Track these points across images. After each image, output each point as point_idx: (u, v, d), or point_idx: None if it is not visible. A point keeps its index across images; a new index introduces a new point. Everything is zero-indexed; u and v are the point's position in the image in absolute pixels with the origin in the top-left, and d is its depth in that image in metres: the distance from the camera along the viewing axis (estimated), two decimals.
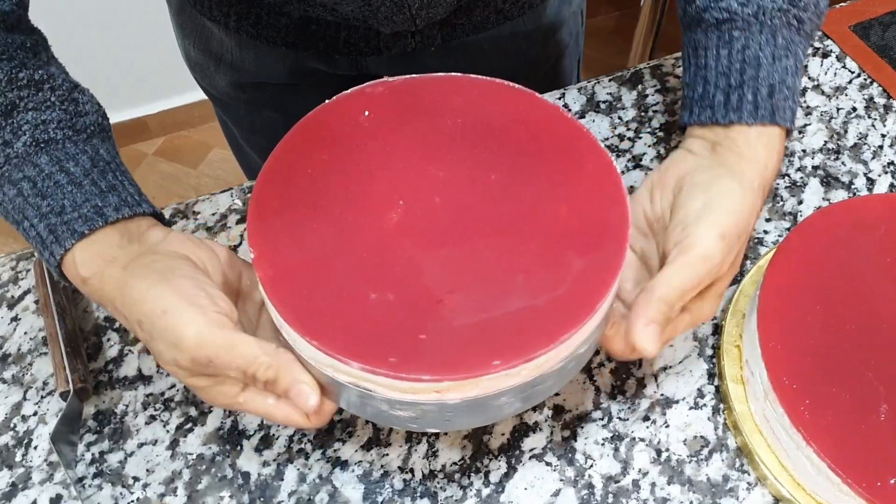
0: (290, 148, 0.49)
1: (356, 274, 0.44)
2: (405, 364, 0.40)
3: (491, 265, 0.44)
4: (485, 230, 0.45)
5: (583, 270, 0.43)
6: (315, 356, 0.42)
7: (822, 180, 0.66)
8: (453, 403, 0.41)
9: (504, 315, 0.41)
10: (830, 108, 0.71)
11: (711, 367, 0.57)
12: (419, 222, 0.46)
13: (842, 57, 0.75)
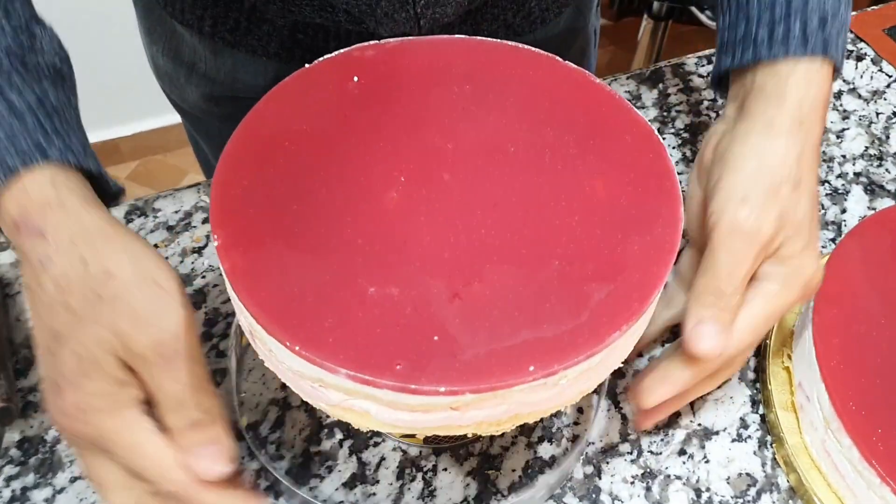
0: (262, 117, 0.40)
1: (349, 264, 0.34)
2: (414, 372, 0.30)
3: (517, 251, 0.35)
4: (505, 211, 0.36)
5: (630, 255, 0.35)
6: (296, 367, 0.32)
7: (866, 188, 0.59)
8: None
9: (537, 311, 0.32)
10: (869, 113, 0.64)
11: (755, 394, 0.49)
12: (425, 202, 0.37)
13: (877, 60, 0.69)
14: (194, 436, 0.34)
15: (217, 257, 0.35)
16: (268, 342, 0.33)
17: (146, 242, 0.36)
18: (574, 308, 0.33)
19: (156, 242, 0.55)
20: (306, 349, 0.31)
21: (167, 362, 0.33)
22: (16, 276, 0.53)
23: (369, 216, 0.36)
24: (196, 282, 0.53)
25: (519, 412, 0.33)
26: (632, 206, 0.37)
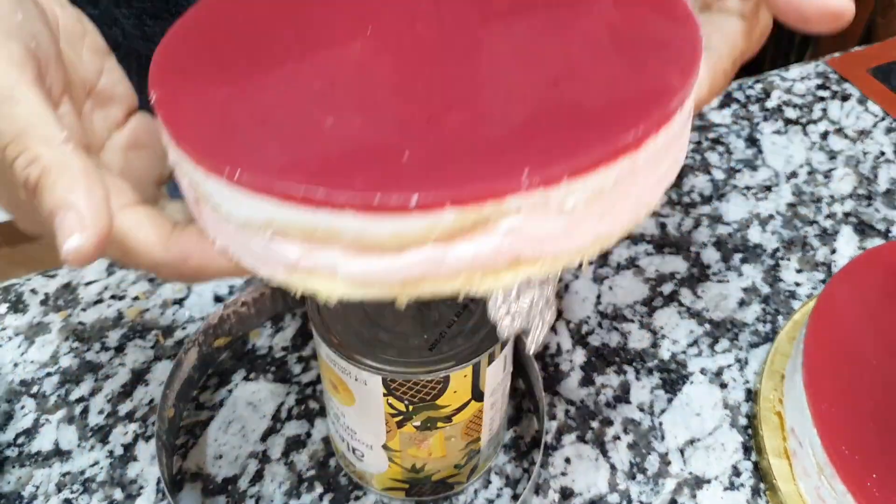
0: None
1: (303, 98, 0.28)
2: (381, 182, 0.24)
3: (505, 79, 0.29)
4: (491, 52, 0.30)
5: (643, 68, 0.28)
6: (243, 213, 0.26)
7: (856, 228, 0.59)
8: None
9: (534, 127, 0.26)
10: (857, 152, 0.64)
11: (747, 440, 0.47)
12: (395, 49, 0.31)
13: (863, 100, 0.69)
14: (38, 200, 0.25)
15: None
16: (211, 194, 0.27)
17: None
18: (578, 116, 0.26)
19: (136, 294, 0.54)
20: (250, 173, 0.25)
21: None
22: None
23: (331, 63, 0.31)
24: (177, 333, 0.52)
25: (520, 253, 0.26)
26: (644, 27, 0.31)
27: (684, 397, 0.49)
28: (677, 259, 0.57)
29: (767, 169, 0.63)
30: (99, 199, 0.25)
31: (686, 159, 0.61)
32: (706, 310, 0.54)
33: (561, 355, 0.51)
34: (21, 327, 0.53)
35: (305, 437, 0.48)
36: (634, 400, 0.49)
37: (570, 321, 0.53)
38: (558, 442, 0.47)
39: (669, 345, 0.52)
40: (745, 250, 0.57)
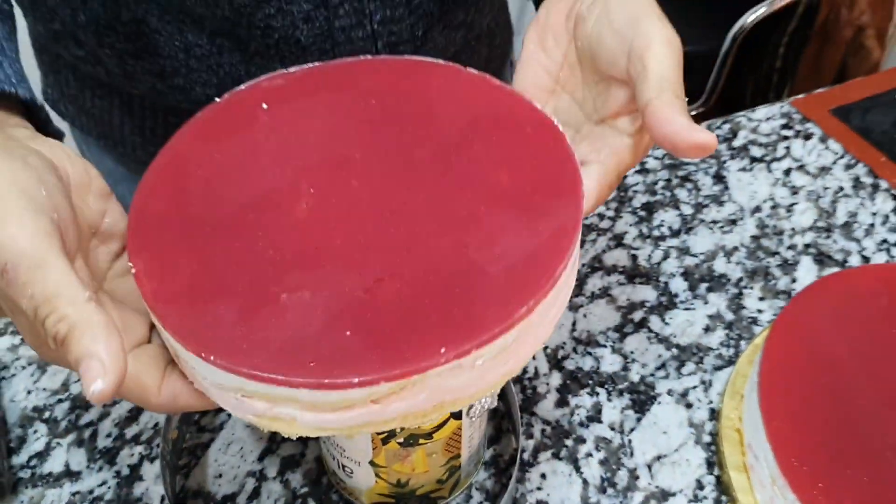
0: (175, 149, 0.41)
1: (262, 276, 0.35)
2: (328, 367, 0.31)
3: (427, 245, 0.36)
4: (414, 209, 0.37)
5: (535, 236, 0.36)
6: (218, 380, 0.32)
7: (815, 258, 0.63)
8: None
9: (447, 297, 0.33)
10: (817, 188, 0.69)
11: (710, 456, 0.51)
12: (334, 209, 0.38)
13: (824, 139, 0.73)
14: (65, 353, 0.30)
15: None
16: (189, 360, 0.33)
17: (14, 156, 0.33)
18: (483, 290, 0.33)
19: None
20: (222, 358, 0.32)
21: (7, 276, 0.30)
22: (12, 360, 0.56)
23: (280, 228, 0.37)
24: None
25: (442, 400, 0.33)
26: (535, 191, 0.38)
27: (652, 417, 0.53)
28: (647, 288, 0.61)
29: (733, 204, 0.67)
30: (116, 348, 0.29)
31: (657, 195, 0.66)
32: (674, 335, 0.58)
33: (538, 378, 0.55)
34: (34, 357, 0.57)
35: (300, 457, 0.51)
36: (606, 419, 0.53)
37: (548, 346, 0.57)
38: (535, 459, 0.51)
39: (639, 368, 0.56)
40: (710, 280, 0.61)
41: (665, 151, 0.71)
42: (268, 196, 0.39)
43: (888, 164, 0.70)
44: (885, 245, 0.64)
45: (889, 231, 0.65)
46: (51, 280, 0.30)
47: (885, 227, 0.65)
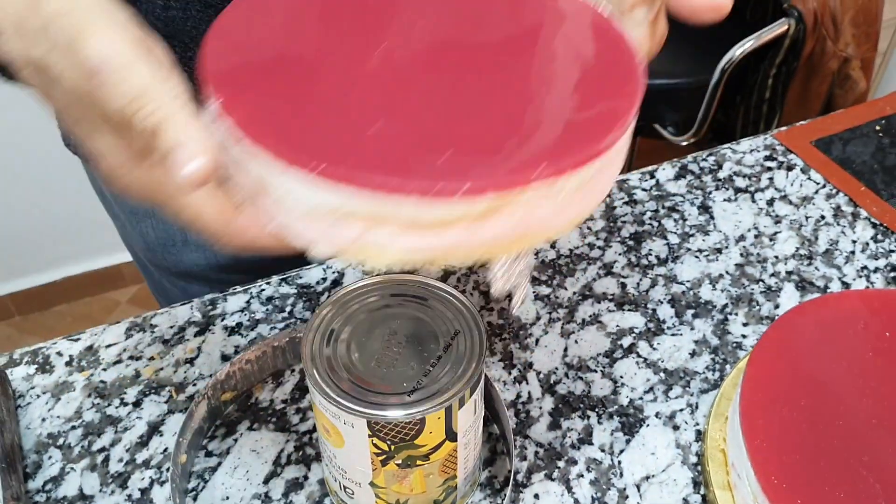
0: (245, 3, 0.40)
1: (352, 107, 0.35)
2: (438, 177, 0.30)
3: (512, 95, 0.37)
4: (493, 74, 0.38)
5: (606, 89, 0.38)
6: (315, 201, 0.32)
7: (797, 285, 0.65)
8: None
9: (538, 132, 0.35)
10: (799, 217, 0.71)
11: (697, 475, 0.53)
12: (414, 69, 0.38)
13: (806, 169, 0.76)
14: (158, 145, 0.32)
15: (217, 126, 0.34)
16: (281, 186, 0.33)
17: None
18: (570, 128, 0.35)
19: (152, 355, 0.61)
20: (331, 169, 0.31)
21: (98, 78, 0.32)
22: (27, 389, 0.59)
23: (362, 73, 0.37)
24: (188, 389, 0.58)
25: (527, 229, 0.34)
26: (599, 60, 0.40)
27: (641, 438, 0.55)
28: (636, 315, 0.63)
29: (718, 233, 0.70)
30: (205, 135, 0.31)
31: (645, 226, 0.68)
32: (661, 360, 0.60)
33: (531, 402, 0.57)
34: (48, 386, 0.59)
35: (303, 479, 0.54)
36: (596, 441, 0.55)
37: (540, 372, 0.59)
38: (528, 480, 0.53)
39: (628, 392, 0.58)
40: (696, 306, 0.64)
41: (652, 184, 0.74)
42: (347, 47, 0.39)
43: (867, 193, 0.73)
44: (865, 272, 0.66)
45: (868, 258, 0.67)
46: (140, 76, 0.32)
47: (864, 255, 0.68)
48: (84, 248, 1.83)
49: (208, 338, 0.62)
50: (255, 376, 0.59)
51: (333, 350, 0.46)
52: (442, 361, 0.45)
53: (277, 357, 0.60)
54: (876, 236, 0.69)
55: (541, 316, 0.63)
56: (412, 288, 0.49)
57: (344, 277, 0.67)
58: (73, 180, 1.72)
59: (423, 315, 0.48)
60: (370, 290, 0.49)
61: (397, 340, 0.47)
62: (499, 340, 0.62)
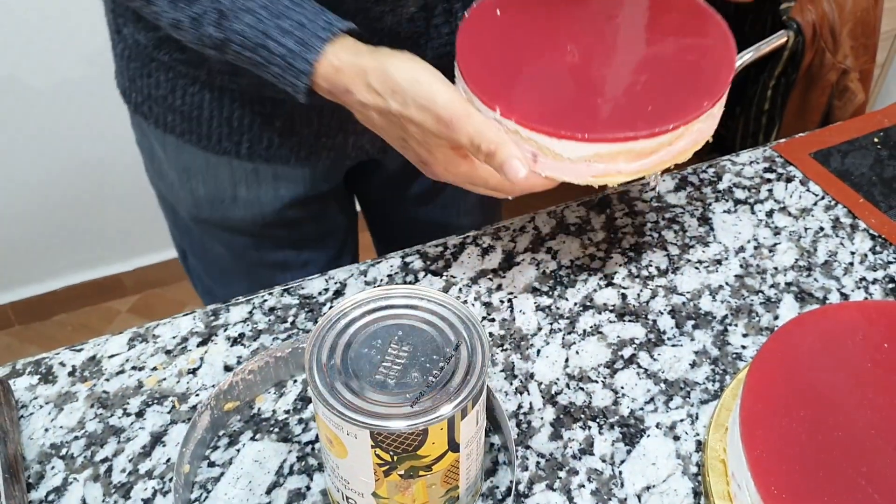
0: (470, 34, 0.62)
1: (573, 90, 0.60)
2: (653, 123, 0.55)
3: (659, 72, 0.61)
4: (636, 56, 0.64)
5: (714, 58, 0.62)
6: (587, 154, 0.55)
7: (797, 296, 0.66)
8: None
9: (684, 86, 0.59)
10: (798, 228, 0.72)
11: (697, 486, 0.53)
12: (588, 50, 0.63)
13: (805, 181, 0.77)
14: (493, 162, 0.54)
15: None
16: (560, 147, 0.56)
17: (415, 58, 0.56)
18: (701, 81, 0.59)
19: (155, 365, 0.61)
20: (594, 134, 0.55)
21: (450, 124, 0.54)
22: (30, 399, 0.59)
23: (568, 67, 0.61)
24: (191, 399, 0.59)
25: (695, 140, 0.59)
26: (687, 31, 0.65)
27: (642, 449, 0.56)
28: (636, 326, 0.64)
29: (718, 244, 0.70)
30: (521, 154, 0.55)
31: (645, 237, 0.69)
32: (662, 371, 0.60)
33: (533, 413, 0.58)
34: (51, 396, 0.59)
35: (305, 489, 0.54)
36: (598, 452, 0.55)
37: (541, 382, 0.60)
38: (530, 490, 0.53)
39: (629, 402, 0.58)
40: (696, 317, 0.64)
41: (653, 195, 0.74)
42: (544, 54, 0.62)
43: (866, 205, 0.74)
44: (864, 283, 0.67)
45: (867, 269, 0.68)
46: (476, 123, 0.54)
47: (863, 266, 0.68)
48: (84, 257, 1.84)
49: (211, 348, 0.62)
50: (258, 387, 0.59)
51: (336, 361, 0.46)
52: (444, 372, 0.46)
53: (280, 367, 0.60)
54: (874, 248, 0.70)
55: (542, 327, 0.64)
56: (414, 299, 0.50)
57: (346, 288, 0.67)
58: (73, 190, 1.73)
59: (426, 326, 0.48)
60: (372, 300, 0.49)
61: (400, 351, 0.47)
62: (500, 351, 0.62)
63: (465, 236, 0.72)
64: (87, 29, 1.48)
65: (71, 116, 1.61)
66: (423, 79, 0.54)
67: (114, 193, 1.75)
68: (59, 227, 1.77)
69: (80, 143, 1.66)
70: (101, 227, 1.81)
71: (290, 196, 0.78)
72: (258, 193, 0.76)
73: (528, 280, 0.68)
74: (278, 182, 0.76)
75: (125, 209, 1.78)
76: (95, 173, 1.72)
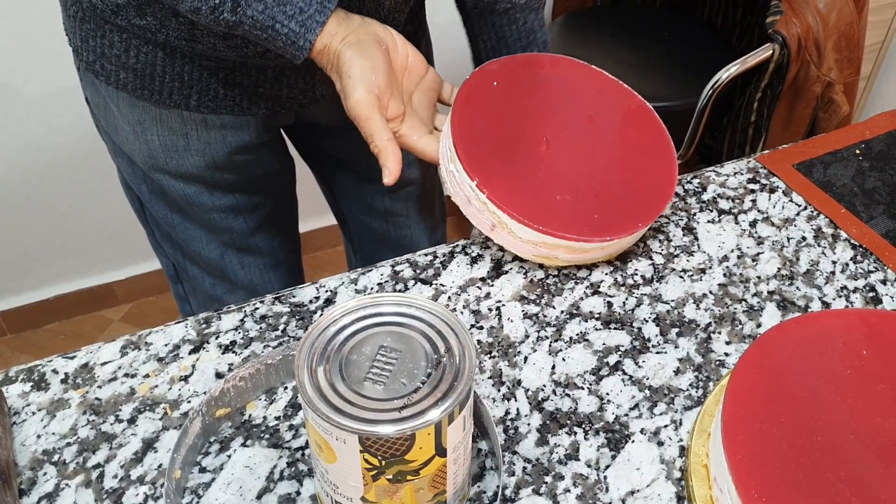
0: (465, 102, 0.72)
1: (545, 183, 0.69)
2: (591, 232, 0.66)
3: (607, 172, 0.72)
4: (594, 152, 0.73)
5: (651, 179, 0.72)
6: (532, 238, 0.67)
7: (779, 304, 0.67)
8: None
9: (627, 201, 0.69)
10: (781, 238, 0.73)
11: (680, 490, 0.54)
12: (563, 148, 0.72)
13: (788, 192, 0.78)
14: (378, 159, 0.67)
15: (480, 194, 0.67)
16: (520, 232, 0.67)
17: (364, 46, 0.67)
18: (638, 199, 0.70)
19: (147, 372, 0.62)
20: (541, 225, 0.66)
21: (354, 120, 0.67)
22: (22, 406, 0.60)
23: (538, 155, 0.71)
24: (182, 406, 0.59)
25: (622, 247, 0.70)
26: (644, 151, 0.74)
27: (626, 454, 0.57)
28: (622, 333, 0.65)
29: (702, 254, 0.71)
30: (398, 160, 0.67)
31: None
32: (646, 377, 0.61)
33: (520, 419, 0.59)
34: (43, 403, 0.60)
35: (295, 495, 0.55)
36: (583, 457, 0.56)
37: (528, 389, 0.61)
38: (516, 495, 0.54)
39: (614, 408, 0.59)
40: (681, 325, 0.65)
41: None
42: (525, 137, 0.72)
43: (847, 215, 0.75)
44: (845, 292, 0.68)
45: (848, 279, 0.69)
46: (372, 126, 0.66)
47: (844, 275, 0.69)
48: (76, 266, 1.84)
49: (202, 355, 0.63)
50: (249, 393, 0.60)
51: (326, 367, 0.47)
52: (432, 378, 0.47)
53: (271, 374, 0.61)
54: (855, 257, 0.71)
55: (529, 334, 0.65)
56: (403, 306, 0.51)
57: (337, 296, 0.68)
58: (64, 200, 1.73)
59: (414, 333, 0.49)
60: (362, 308, 0.50)
61: (389, 358, 0.48)
62: (488, 358, 0.63)
63: (454, 245, 0.73)
64: None
65: (64, 125, 1.62)
66: (353, 74, 0.66)
67: (106, 202, 1.76)
68: (52, 236, 1.77)
69: (73, 153, 1.66)
70: (93, 235, 1.82)
71: (236, 143, 0.86)
72: (208, 140, 0.84)
73: (515, 288, 0.69)
74: (225, 130, 0.84)
75: (117, 218, 1.79)
76: (88, 182, 1.72)
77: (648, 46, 1.63)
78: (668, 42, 1.64)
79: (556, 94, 0.76)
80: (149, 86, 0.80)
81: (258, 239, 0.98)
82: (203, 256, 0.96)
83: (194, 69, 0.79)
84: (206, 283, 1.00)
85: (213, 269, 0.98)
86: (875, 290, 0.69)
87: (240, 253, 0.97)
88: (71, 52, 0.84)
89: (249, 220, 0.95)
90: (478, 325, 0.66)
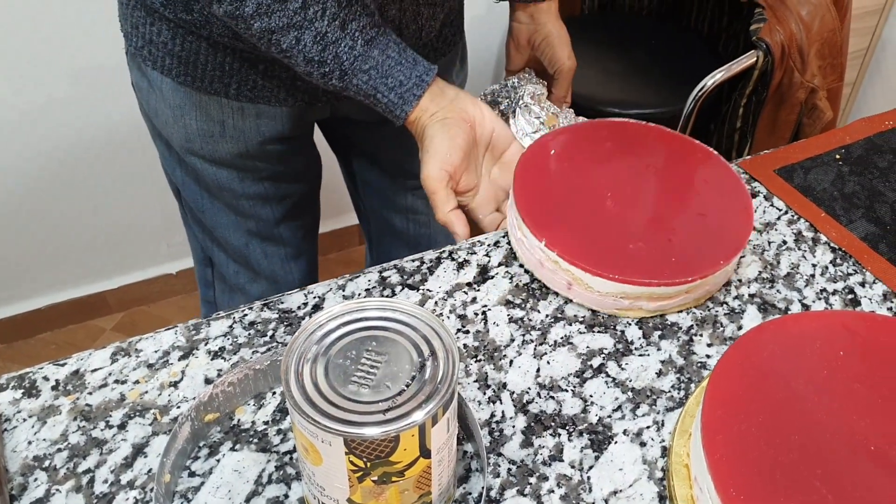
0: (529, 167, 0.75)
1: (616, 235, 0.69)
2: (672, 276, 0.66)
3: (683, 220, 0.71)
4: (665, 206, 0.73)
5: (735, 222, 0.70)
6: (606, 289, 0.66)
7: (760, 307, 0.68)
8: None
9: (705, 244, 0.68)
10: (762, 242, 0.74)
11: (662, 490, 0.55)
12: (624, 198, 0.73)
13: (769, 196, 0.79)
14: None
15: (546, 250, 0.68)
16: (598, 286, 0.66)
17: (447, 128, 0.75)
18: (717, 241, 0.69)
19: (137, 378, 0.62)
20: (618, 274, 0.65)
21: (427, 192, 0.75)
22: (13, 413, 0.60)
23: (602, 209, 0.72)
24: (172, 411, 0.60)
25: (710, 290, 0.69)
26: (709, 188, 0.74)
27: (609, 455, 0.58)
28: (605, 336, 0.66)
29: None
30: (465, 225, 0.75)
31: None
32: (629, 380, 0.62)
33: (505, 421, 0.60)
34: (34, 410, 0.61)
35: (283, 498, 0.55)
36: (567, 458, 0.57)
37: (514, 391, 0.62)
38: (501, 496, 0.55)
39: (597, 410, 0.60)
40: (663, 328, 0.66)
41: None
42: (588, 196, 0.73)
43: (827, 219, 0.76)
44: (824, 294, 0.69)
45: (828, 281, 0.70)
46: (437, 200, 0.75)
47: (823, 278, 0.71)
48: (68, 275, 1.84)
49: (192, 362, 0.64)
50: (238, 399, 0.61)
51: (312, 371, 0.48)
52: (416, 381, 0.48)
53: (259, 380, 0.61)
54: (835, 260, 0.72)
55: (515, 338, 0.66)
56: (388, 311, 0.51)
57: (325, 302, 0.69)
58: (56, 208, 1.74)
59: (399, 337, 0.50)
60: (348, 313, 0.51)
61: (374, 361, 0.49)
62: (474, 362, 0.64)
63: (441, 251, 0.74)
64: (72, 49, 1.50)
65: (55, 135, 1.63)
66: (431, 149, 0.74)
67: (98, 211, 1.76)
68: (43, 245, 1.77)
69: (64, 162, 1.67)
70: (85, 244, 1.82)
71: (270, 133, 0.90)
72: (243, 128, 0.88)
73: (501, 293, 0.70)
74: (260, 119, 0.88)
75: (109, 227, 1.79)
76: (80, 191, 1.73)
77: (635, 54, 1.65)
78: (654, 49, 1.66)
79: (612, 151, 0.77)
80: (192, 72, 0.84)
81: (282, 229, 1.03)
82: (230, 243, 1.01)
83: (235, 60, 0.83)
84: (230, 271, 1.05)
85: (238, 257, 1.03)
86: (854, 292, 0.70)
87: (264, 242, 1.02)
88: (61, 64, 0.87)
89: (276, 209, 1.00)
90: (464, 329, 0.67)
